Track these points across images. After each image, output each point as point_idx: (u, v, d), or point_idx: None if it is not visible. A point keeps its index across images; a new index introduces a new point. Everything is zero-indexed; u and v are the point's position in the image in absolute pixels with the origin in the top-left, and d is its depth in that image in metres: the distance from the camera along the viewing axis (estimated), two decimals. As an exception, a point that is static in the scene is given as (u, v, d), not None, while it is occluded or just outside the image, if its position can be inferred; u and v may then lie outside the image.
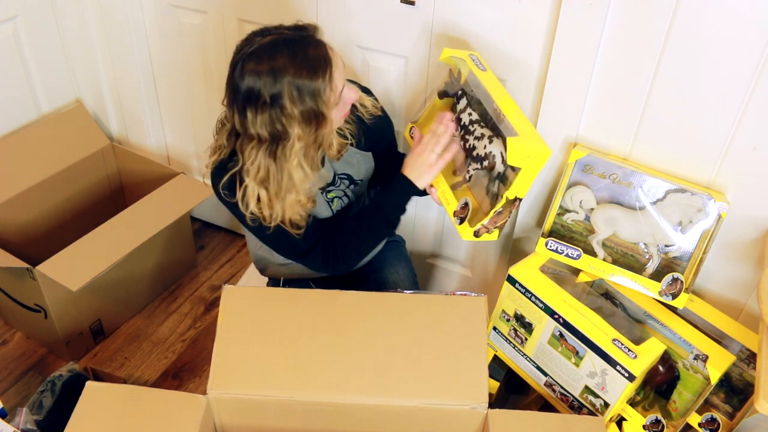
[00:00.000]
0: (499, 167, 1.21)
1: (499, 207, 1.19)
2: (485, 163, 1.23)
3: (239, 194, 1.22)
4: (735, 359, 1.24)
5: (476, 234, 1.23)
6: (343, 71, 1.19)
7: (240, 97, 1.14)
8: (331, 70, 1.14)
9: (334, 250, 1.34)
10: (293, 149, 1.17)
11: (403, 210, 1.33)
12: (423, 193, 1.33)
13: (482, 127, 1.25)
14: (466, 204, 1.25)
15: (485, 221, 1.21)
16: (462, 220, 1.25)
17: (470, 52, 1.34)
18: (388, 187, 1.33)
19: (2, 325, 1.86)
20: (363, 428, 1.23)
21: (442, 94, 1.38)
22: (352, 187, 1.39)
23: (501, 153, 1.20)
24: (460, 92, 1.32)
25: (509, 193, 1.18)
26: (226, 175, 1.23)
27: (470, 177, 1.27)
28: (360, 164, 1.38)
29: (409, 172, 1.29)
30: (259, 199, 1.22)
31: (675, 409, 1.29)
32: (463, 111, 1.30)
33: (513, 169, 1.18)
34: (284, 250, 1.37)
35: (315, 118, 1.16)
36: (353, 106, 1.32)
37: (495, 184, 1.23)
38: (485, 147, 1.23)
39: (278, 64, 1.11)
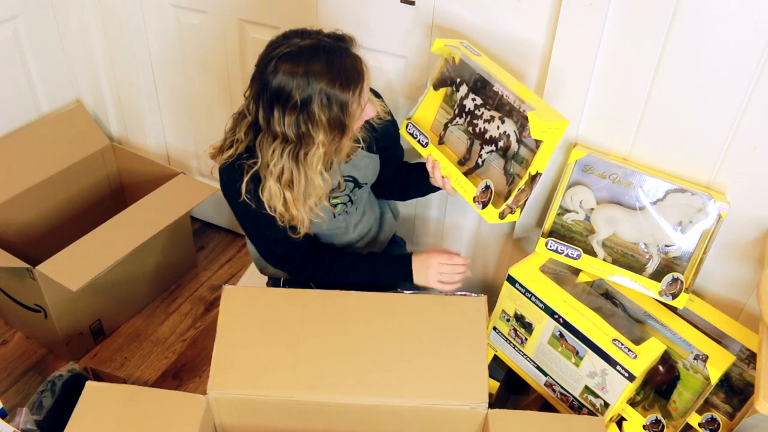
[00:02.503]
0: (514, 146, 1.21)
1: (522, 184, 1.20)
2: (500, 144, 1.24)
3: (264, 195, 1.21)
4: (735, 359, 1.24)
5: (501, 216, 1.23)
6: (369, 87, 1.20)
7: (268, 94, 1.13)
8: (362, 85, 1.16)
9: (314, 273, 1.38)
10: (316, 154, 1.17)
11: (392, 287, 1.40)
12: (408, 263, 1.40)
13: (488, 109, 1.25)
14: (487, 187, 1.25)
15: (509, 201, 1.21)
16: (485, 205, 1.24)
17: (461, 40, 1.34)
18: (393, 261, 1.40)
19: (2, 325, 1.86)
20: (363, 428, 1.23)
21: (438, 85, 1.37)
22: (356, 189, 1.39)
23: (515, 131, 1.21)
24: (458, 80, 1.32)
25: (531, 169, 1.19)
26: (244, 173, 1.22)
27: (483, 161, 1.28)
28: (367, 167, 1.38)
29: (415, 266, 1.37)
30: (285, 201, 1.22)
31: (675, 409, 1.29)
32: (465, 98, 1.30)
33: (527, 146, 1.19)
34: (274, 254, 1.39)
35: (339, 128, 1.16)
36: None
37: (511, 163, 1.23)
38: (498, 128, 1.23)
39: (314, 69, 1.11)
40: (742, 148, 1.22)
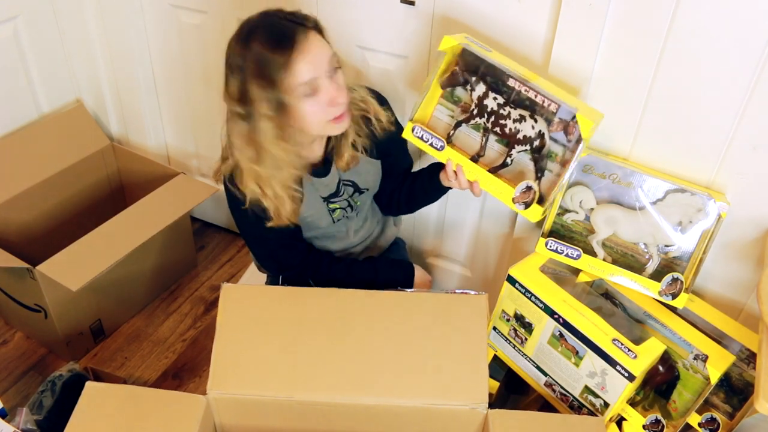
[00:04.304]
0: (548, 144, 1.23)
1: (561, 181, 1.23)
2: (536, 143, 1.24)
3: (247, 188, 1.20)
4: (735, 359, 1.24)
5: (544, 213, 1.26)
6: (318, 65, 1.12)
7: (226, 71, 1.15)
8: (292, 52, 1.09)
9: (314, 276, 1.38)
10: (261, 124, 1.14)
11: (392, 287, 1.40)
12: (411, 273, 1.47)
13: (515, 108, 1.24)
14: (529, 188, 1.25)
15: (551, 198, 1.24)
16: (527, 205, 1.25)
17: (465, 34, 1.31)
18: (395, 263, 1.45)
19: (2, 325, 1.86)
20: (363, 428, 1.23)
21: (446, 84, 1.31)
22: (356, 195, 1.37)
23: (546, 129, 1.22)
24: (474, 78, 1.28)
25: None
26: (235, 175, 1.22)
27: (512, 160, 1.27)
28: (368, 173, 1.36)
29: (417, 276, 1.46)
30: (258, 178, 1.19)
31: (675, 409, 1.29)
32: (485, 97, 1.27)
33: (556, 140, 1.22)
34: (275, 262, 1.39)
35: (276, 102, 1.12)
36: (366, 118, 1.29)
37: (545, 161, 1.24)
38: (533, 127, 1.23)
39: (252, 35, 1.11)
40: (742, 148, 1.22)
